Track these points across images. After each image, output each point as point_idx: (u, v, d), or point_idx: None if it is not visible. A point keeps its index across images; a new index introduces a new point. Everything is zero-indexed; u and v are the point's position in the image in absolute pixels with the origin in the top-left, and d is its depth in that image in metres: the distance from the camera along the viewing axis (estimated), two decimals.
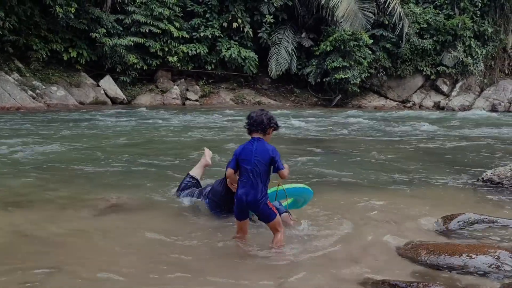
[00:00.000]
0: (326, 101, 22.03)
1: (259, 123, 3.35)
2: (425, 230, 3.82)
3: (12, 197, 4.68)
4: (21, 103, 14.94)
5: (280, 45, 20.89)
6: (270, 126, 3.38)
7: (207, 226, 3.88)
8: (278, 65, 20.80)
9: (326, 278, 2.88)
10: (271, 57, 20.93)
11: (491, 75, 23.86)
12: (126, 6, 19.16)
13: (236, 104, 20.54)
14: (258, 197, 3.27)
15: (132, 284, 2.77)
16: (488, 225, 3.87)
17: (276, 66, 20.78)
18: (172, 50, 19.59)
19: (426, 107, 21.84)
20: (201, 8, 20.63)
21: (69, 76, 17.98)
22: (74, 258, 3.10)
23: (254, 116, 3.39)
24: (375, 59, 21.72)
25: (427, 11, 22.77)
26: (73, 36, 18.09)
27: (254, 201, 3.27)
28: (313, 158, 7.18)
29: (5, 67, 16.21)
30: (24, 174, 5.72)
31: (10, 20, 15.65)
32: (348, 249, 3.39)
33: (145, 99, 19.32)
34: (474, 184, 5.58)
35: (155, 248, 3.33)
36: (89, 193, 4.83)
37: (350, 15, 20.19)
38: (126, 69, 19.07)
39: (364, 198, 4.80)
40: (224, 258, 3.18)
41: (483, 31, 22.85)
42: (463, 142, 9.67)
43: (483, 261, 2.96)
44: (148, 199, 4.68)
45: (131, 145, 8.35)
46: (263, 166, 3.27)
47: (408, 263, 3.09)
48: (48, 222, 3.86)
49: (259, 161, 3.26)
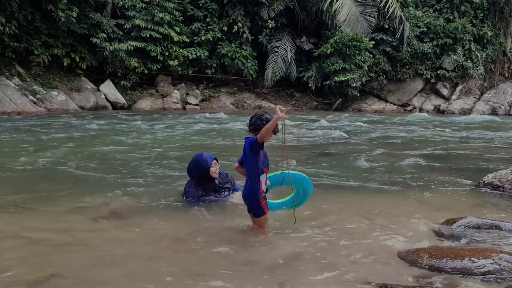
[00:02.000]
0: (326, 105, 22.05)
1: (252, 123, 3.58)
2: (427, 234, 3.81)
3: (12, 202, 4.67)
4: (22, 108, 14.96)
5: (277, 53, 20.91)
6: (261, 126, 3.49)
7: (208, 229, 3.88)
8: (273, 74, 20.85)
9: (328, 281, 2.87)
10: (268, 65, 20.96)
11: (491, 79, 23.90)
12: (126, 11, 19.22)
13: (236, 108, 20.56)
14: (250, 192, 3.56)
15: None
16: (490, 229, 3.86)
17: (272, 75, 20.83)
18: (173, 54, 19.64)
19: (426, 110, 21.84)
20: (201, 12, 20.70)
21: (70, 81, 18.01)
22: (74, 263, 3.09)
23: (252, 117, 3.61)
24: (375, 62, 21.75)
25: (427, 15, 22.83)
26: (74, 41, 18.13)
27: (247, 196, 3.61)
28: (313, 162, 7.17)
29: (6, 72, 16.24)
30: (23, 179, 5.72)
31: (10, 26, 15.69)
32: (350, 252, 3.38)
33: (146, 104, 19.34)
34: (475, 187, 5.58)
35: (156, 252, 3.33)
36: (89, 198, 4.82)
37: (352, 20, 20.21)
38: (127, 73, 19.11)
39: (366, 202, 4.79)
40: (226, 262, 3.18)
41: (483, 35, 22.91)
42: (464, 145, 9.66)
43: (485, 264, 2.95)
44: (149, 203, 4.67)
45: (131, 149, 8.35)
46: (249, 159, 3.52)
47: (410, 267, 3.08)
48: (48, 227, 3.85)
49: (246, 155, 3.53)
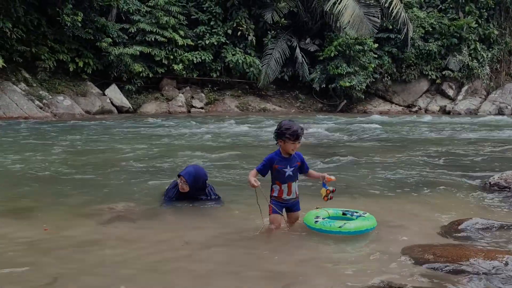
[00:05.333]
0: (331, 106, 22.02)
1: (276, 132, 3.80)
2: (433, 234, 3.80)
3: (16, 206, 4.71)
4: (28, 112, 15.07)
5: (271, 55, 20.89)
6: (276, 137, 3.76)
7: (212, 233, 3.88)
8: (266, 76, 20.77)
9: (332, 282, 2.87)
10: (262, 67, 20.89)
11: (497, 78, 23.75)
12: (131, 15, 19.33)
13: (241, 111, 20.58)
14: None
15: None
16: (496, 229, 3.84)
17: (264, 77, 20.77)
18: (177, 58, 19.71)
19: (431, 111, 21.75)
20: (205, 16, 20.76)
21: (76, 85, 18.12)
22: (77, 268, 3.10)
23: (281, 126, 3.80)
24: (379, 64, 21.70)
25: (432, 15, 22.75)
26: (79, 46, 18.26)
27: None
28: (318, 163, 7.17)
29: (12, 77, 16.38)
30: (28, 183, 5.75)
31: (17, 31, 15.83)
32: (354, 253, 3.38)
33: (151, 107, 19.41)
34: (481, 188, 5.54)
35: (160, 256, 3.33)
36: (94, 202, 4.84)
37: (356, 21, 20.14)
38: (132, 77, 19.19)
39: (370, 202, 4.78)
40: (229, 265, 3.18)
41: (489, 34, 22.79)
42: (470, 146, 9.61)
43: (491, 266, 2.94)
44: (153, 207, 4.68)
45: (137, 153, 8.38)
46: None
47: (415, 267, 3.07)
48: (52, 231, 3.87)
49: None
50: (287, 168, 3.80)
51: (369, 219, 3.81)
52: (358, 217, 3.84)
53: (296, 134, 3.67)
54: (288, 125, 3.70)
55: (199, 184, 4.68)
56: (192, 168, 4.76)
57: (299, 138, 3.70)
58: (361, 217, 3.85)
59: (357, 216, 3.87)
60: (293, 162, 3.83)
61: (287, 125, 3.70)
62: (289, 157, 3.81)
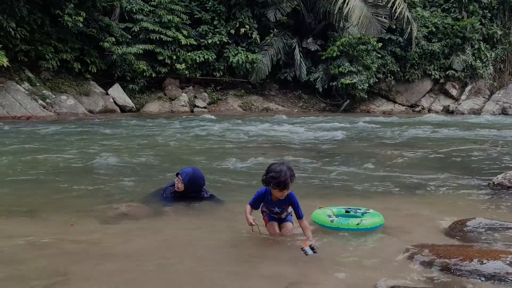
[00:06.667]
0: (334, 106, 22.00)
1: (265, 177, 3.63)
2: (436, 235, 3.79)
3: (21, 205, 4.72)
4: (31, 112, 15.11)
5: (266, 51, 20.86)
6: (263, 183, 3.61)
7: (215, 234, 3.89)
8: (258, 72, 20.71)
9: (336, 282, 2.86)
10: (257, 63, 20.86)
11: (500, 78, 23.68)
12: (134, 15, 19.35)
13: (244, 110, 20.58)
14: None
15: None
16: (499, 230, 3.82)
17: (257, 73, 20.72)
18: (180, 57, 19.71)
19: (435, 111, 21.69)
20: (208, 15, 20.76)
21: (79, 85, 18.15)
22: (82, 267, 3.10)
23: (268, 171, 3.64)
24: (383, 63, 21.66)
25: (435, 15, 22.69)
26: (83, 45, 18.29)
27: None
28: (320, 164, 7.16)
29: (16, 77, 16.42)
30: (32, 182, 5.77)
31: (21, 30, 15.88)
32: (358, 254, 3.37)
33: (154, 107, 19.42)
34: (484, 188, 5.53)
35: (164, 256, 3.33)
36: (98, 201, 4.85)
37: (364, 22, 20.10)
38: (135, 77, 19.21)
39: (373, 202, 4.77)
40: (233, 266, 3.18)
41: (492, 34, 22.71)
42: (473, 146, 9.58)
43: (494, 266, 2.92)
44: (157, 207, 4.69)
45: (141, 152, 8.38)
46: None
47: (418, 268, 3.06)
48: (57, 230, 3.88)
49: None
50: (275, 208, 3.77)
51: (378, 215, 3.95)
52: (363, 214, 3.96)
53: (283, 184, 3.47)
54: (275, 173, 3.46)
55: (194, 186, 4.76)
56: (190, 169, 4.84)
57: (286, 187, 3.51)
58: (368, 213, 3.97)
59: (361, 213, 3.97)
60: (282, 204, 3.71)
61: (274, 173, 3.47)
62: (278, 200, 3.67)
